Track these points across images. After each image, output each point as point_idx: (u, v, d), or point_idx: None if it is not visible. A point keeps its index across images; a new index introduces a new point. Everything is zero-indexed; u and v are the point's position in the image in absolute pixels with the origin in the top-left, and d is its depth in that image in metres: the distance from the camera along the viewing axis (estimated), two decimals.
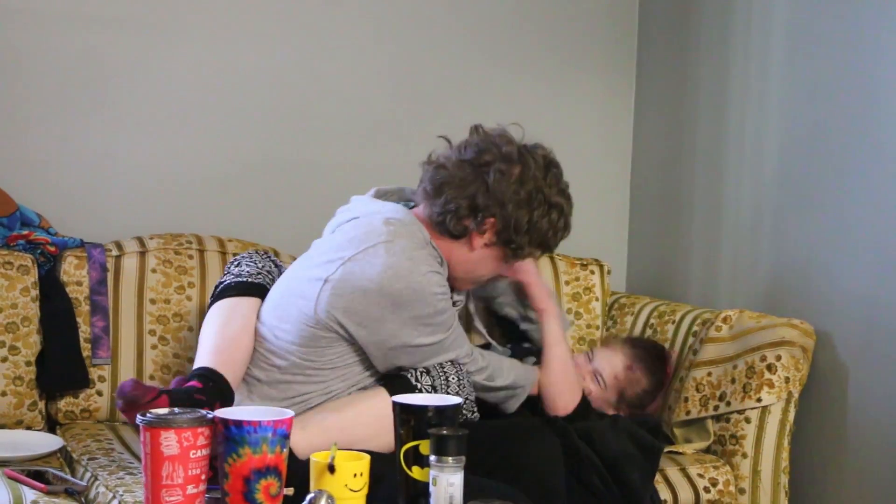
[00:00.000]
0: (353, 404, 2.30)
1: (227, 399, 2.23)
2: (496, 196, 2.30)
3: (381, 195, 2.49)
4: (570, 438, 2.42)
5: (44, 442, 2.53)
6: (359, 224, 2.36)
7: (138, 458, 2.47)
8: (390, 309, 2.25)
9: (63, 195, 2.96)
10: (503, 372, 2.48)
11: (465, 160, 2.34)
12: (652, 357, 2.83)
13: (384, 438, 2.07)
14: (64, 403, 2.73)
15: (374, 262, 2.26)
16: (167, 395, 2.14)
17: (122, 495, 2.23)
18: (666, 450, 2.76)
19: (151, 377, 2.78)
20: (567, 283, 3.18)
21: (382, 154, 3.26)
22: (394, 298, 2.25)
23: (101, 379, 2.75)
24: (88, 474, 2.38)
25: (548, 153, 2.41)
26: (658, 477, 2.61)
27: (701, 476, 2.66)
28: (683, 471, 2.66)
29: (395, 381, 2.31)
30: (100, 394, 2.75)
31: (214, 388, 2.22)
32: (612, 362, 2.77)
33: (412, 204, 2.47)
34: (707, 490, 2.65)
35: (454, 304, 2.41)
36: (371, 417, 2.24)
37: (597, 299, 3.20)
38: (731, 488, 2.69)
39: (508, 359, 2.56)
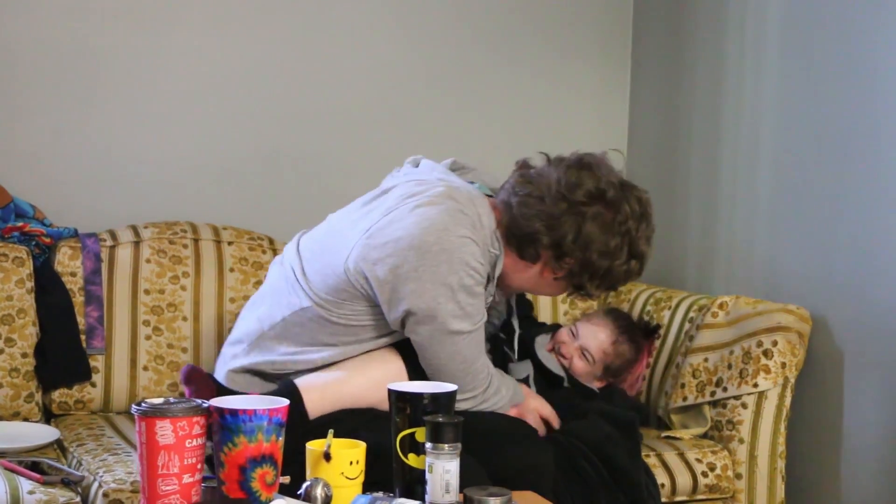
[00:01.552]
0: (366, 370, 2.25)
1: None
2: (583, 242, 2.20)
3: (458, 168, 2.39)
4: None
5: (41, 433, 2.53)
6: (420, 182, 2.28)
7: (128, 441, 2.48)
8: (414, 265, 2.13)
9: (57, 185, 2.96)
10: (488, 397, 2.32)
11: (562, 194, 2.21)
12: (634, 328, 2.85)
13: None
14: (58, 395, 2.73)
15: (415, 212, 2.17)
16: None
17: (101, 476, 2.25)
18: (663, 435, 2.77)
19: (145, 368, 2.78)
20: None
21: (376, 143, 3.25)
22: (421, 252, 2.12)
23: (95, 370, 2.75)
24: (75, 460, 2.39)
25: (643, 196, 2.28)
26: (656, 462, 2.61)
27: (699, 461, 2.67)
28: (681, 456, 2.67)
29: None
30: (93, 385, 2.75)
31: None
32: (599, 338, 2.75)
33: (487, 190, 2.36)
34: (705, 475, 2.66)
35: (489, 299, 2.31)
36: (384, 383, 2.23)
37: None
38: (729, 473, 2.69)
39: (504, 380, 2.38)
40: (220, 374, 2.35)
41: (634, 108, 3.52)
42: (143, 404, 1.70)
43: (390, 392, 1.82)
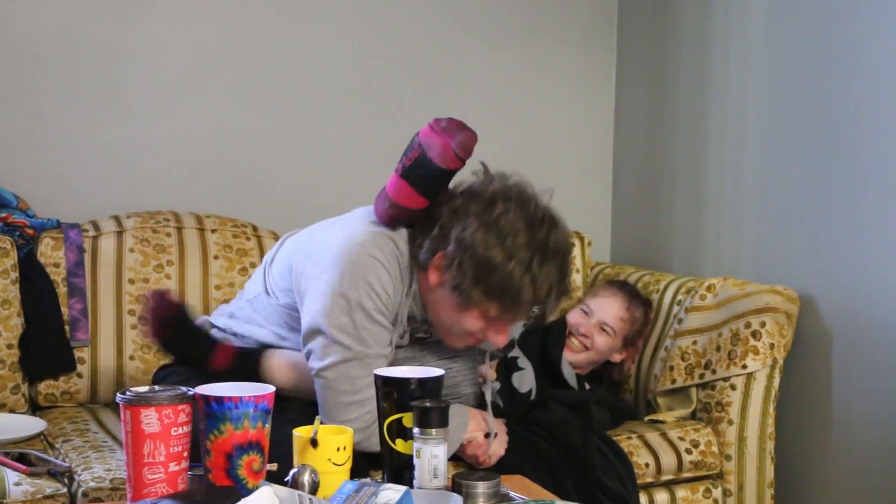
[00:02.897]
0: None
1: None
2: (451, 230, 2.08)
3: None
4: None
5: (27, 424, 2.52)
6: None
7: (113, 437, 2.46)
8: (322, 268, 2.14)
9: (39, 175, 2.94)
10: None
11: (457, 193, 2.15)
12: (636, 291, 2.91)
13: None
14: (44, 386, 2.71)
15: (350, 224, 2.21)
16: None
17: (80, 475, 2.23)
18: (647, 419, 2.77)
19: (132, 357, 2.76)
20: None
21: (358, 129, 3.24)
22: (332, 259, 2.13)
23: (81, 361, 2.73)
24: (61, 456, 2.37)
25: (545, 211, 2.09)
26: (639, 443, 2.62)
27: (682, 439, 2.67)
28: (664, 435, 2.67)
29: None
30: (80, 376, 2.73)
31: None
32: (613, 308, 2.79)
33: None
34: (689, 452, 2.66)
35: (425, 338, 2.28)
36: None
37: (577, 271, 3.21)
38: (714, 449, 2.69)
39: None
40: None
41: (620, 91, 3.51)
42: (128, 393, 1.69)
43: (377, 377, 1.81)
